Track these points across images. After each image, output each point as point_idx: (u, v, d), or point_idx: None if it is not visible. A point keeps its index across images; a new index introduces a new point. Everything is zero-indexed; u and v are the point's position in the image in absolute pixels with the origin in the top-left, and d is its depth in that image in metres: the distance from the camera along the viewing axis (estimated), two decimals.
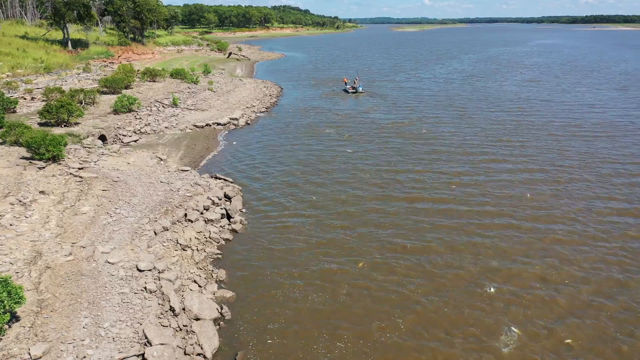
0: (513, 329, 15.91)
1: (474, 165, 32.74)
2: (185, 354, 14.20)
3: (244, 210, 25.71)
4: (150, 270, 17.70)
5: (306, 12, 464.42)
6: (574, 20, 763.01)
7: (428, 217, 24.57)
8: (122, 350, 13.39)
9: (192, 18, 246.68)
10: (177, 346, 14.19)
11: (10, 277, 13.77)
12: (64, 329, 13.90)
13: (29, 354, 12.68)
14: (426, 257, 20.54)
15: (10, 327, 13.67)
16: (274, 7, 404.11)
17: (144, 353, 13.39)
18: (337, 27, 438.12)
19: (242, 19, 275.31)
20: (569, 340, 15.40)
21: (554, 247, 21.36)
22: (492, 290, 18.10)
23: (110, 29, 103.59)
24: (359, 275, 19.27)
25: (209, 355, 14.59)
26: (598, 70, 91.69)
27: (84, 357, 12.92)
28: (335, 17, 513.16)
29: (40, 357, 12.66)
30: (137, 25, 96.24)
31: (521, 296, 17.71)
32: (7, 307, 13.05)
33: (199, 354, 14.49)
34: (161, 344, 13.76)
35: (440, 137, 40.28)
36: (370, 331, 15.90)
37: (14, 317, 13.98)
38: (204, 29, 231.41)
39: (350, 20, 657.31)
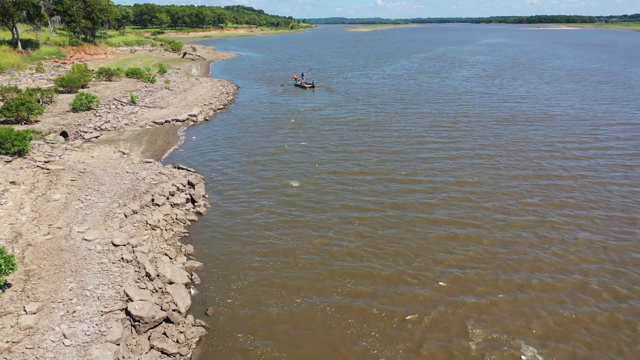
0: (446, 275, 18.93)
1: (416, 147, 36.01)
2: (162, 309, 16.31)
3: (207, 195, 27.79)
4: (124, 245, 19.63)
5: (260, 12, 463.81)
6: (520, 20, 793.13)
7: (376, 194, 27.43)
8: (107, 306, 15.41)
9: (143, 18, 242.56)
10: (155, 303, 16.31)
11: (3, 247, 15.51)
12: (53, 292, 15.77)
13: (25, 310, 14.54)
14: (373, 230, 23.32)
15: (3, 291, 15.42)
16: (228, 7, 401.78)
17: (126, 307, 15.45)
18: (292, 27, 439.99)
19: (196, 19, 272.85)
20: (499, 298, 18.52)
21: (481, 213, 24.69)
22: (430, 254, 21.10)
23: (60, 29, 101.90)
24: (313, 247, 21.81)
25: (182, 310, 16.77)
26: (534, 66, 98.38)
27: (74, 311, 14.87)
28: (290, 17, 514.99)
29: (35, 313, 14.53)
30: (88, 25, 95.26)
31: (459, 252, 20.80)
32: (2, 272, 14.81)
33: (174, 310, 16.64)
34: (141, 300, 15.86)
35: (386, 126, 43.56)
36: (320, 289, 18.46)
37: (6, 284, 15.71)
38: (157, 29, 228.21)
39: (304, 21, 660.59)
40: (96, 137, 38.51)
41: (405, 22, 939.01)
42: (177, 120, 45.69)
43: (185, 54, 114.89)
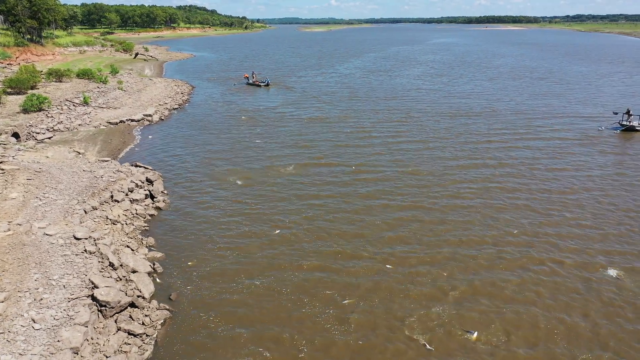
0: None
1: (367, 140, 37.88)
2: (127, 295, 17.18)
3: (165, 191, 28.52)
4: (86, 238, 20.27)
5: (213, 12, 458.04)
6: (469, 20, 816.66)
7: (329, 183, 28.97)
8: (73, 293, 16.17)
9: (92, 18, 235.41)
10: (120, 289, 17.17)
11: None
12: (18, 282, 16.36)
13: None
14: (326, 216, 24.82)
15: None
16: (180, 7, 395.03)
17: (93, 294, 16.26)
18: (246, 28, 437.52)
19: (147, 19, 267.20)
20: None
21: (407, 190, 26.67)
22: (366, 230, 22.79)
23: (4, 29, 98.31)
24: (269, 234, 23.08)
25: (147, 296, 17.69)
26: (479, 64, 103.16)
27: (41, 299, 15.56)
28: (244, 17, 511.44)
29: (3, 302, 15.14)
30: (34, 25, 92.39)
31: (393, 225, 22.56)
32: None
33: (138, 296, 17.53)
34: (106, 287, 16.70)
35: (340, 121, 45.31)
36: (276, 271, 19.77)
37: None
38: (106, 30, 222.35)
39: (258, 21, 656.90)
40: (49, 138, 38.28)
41: (359, 22, 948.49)
42: (132, 120, 45.78)
43: (137, 54, 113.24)
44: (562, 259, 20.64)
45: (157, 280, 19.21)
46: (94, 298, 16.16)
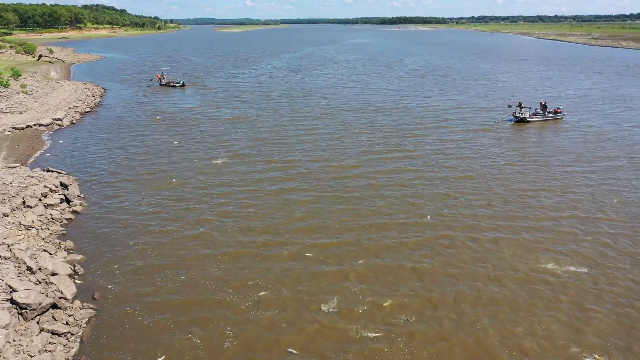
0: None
1: (284, 135, 39.24)
2: (47, 297, 17.15)
3: (82, 195, 28.01)
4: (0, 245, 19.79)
5: (123, 11, 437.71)
6: (382, 21, 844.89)
7: (247, 176, 29.93)
8: None
9: None
10: (40, 292, 17.10)
11: None
12: None
13: None
14: (247, 211, 25.80)
15: None
16: (86, 6, 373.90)
17: (12, 297, 16.13)
18: (159, 28, 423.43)
19: (49, 19, 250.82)
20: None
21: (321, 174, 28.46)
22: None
23: None
24: (190, 231, 23.64)
25: (69, 297, 17.72)
26: (390, 63, 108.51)
27: None
28: (156, 18, 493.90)
29: None
30: None
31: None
32: None
33: (60, 297, 17.55)
34: (26, 289, 16.62)
35: (257, 120, 46.36)
36: (199, 265, 20.48)
37: None
38: (2, 30, 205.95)
39: (172, 21, 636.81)
40: None
41: (275, 23, 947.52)
42: (40, 125, 43.80)
43: (40, 56, 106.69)
44: (456, 232, 23.19)
45: (79, 281, 19.22)
46: (13, 301, 16.05)
